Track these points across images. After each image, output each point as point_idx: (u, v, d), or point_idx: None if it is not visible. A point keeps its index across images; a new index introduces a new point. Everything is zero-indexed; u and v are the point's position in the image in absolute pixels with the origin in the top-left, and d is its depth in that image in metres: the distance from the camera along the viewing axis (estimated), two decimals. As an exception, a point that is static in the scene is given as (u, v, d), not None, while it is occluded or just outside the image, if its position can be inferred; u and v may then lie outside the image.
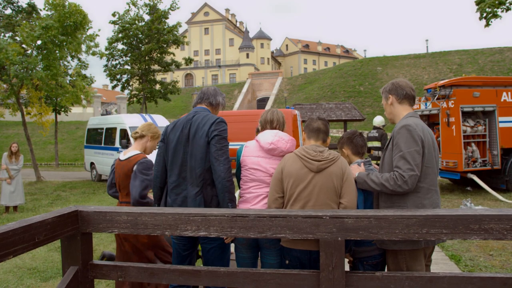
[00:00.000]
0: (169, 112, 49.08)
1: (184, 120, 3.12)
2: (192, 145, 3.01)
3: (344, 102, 23.23)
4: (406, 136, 2.54)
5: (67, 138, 39.85)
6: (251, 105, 55.65)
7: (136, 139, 3.60)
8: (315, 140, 2.85)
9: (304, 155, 2.71)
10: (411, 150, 2.50)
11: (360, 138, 3.02)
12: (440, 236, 2.17)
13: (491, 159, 9.63)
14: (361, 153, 3.01)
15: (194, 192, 2.96)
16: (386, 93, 2.84)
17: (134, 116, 15.13)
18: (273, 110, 3.19)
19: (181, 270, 2.58)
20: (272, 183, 2.80)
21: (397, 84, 2.79)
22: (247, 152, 3.07)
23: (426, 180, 2.58)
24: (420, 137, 2.54)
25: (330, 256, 2.26)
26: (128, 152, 3.55)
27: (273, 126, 3.09)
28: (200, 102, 3.27)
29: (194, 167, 2.98)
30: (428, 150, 2.57)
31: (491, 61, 36.20)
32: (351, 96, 39.35)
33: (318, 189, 2.65)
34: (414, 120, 2.64)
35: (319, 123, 2.87)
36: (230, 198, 2.93)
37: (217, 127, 2.98)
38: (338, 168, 2.67)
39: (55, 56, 14.12)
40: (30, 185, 14.72)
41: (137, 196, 3.29)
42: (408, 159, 2.49)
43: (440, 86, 9.75)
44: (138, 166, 3.38)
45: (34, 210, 9.59)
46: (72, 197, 11.70)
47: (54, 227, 2.28)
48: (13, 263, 5.47)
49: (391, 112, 2.82)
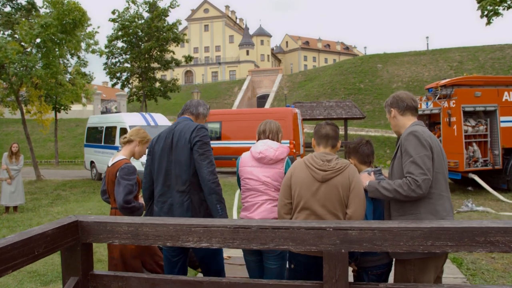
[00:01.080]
0: (169, 109, 49.03)
1: (167, 130, 3.26)
2: (176, 153, 3.11)
3: (344, 100, 23.19)
4: (414, 141, 2.55)
5: (67, 135, 39.82)
6: (251, 102, 55.59)
7: (125, 144, 3.58)
8: (324, 146, 2.83)
9: (311, 164, 2.72)
10: (421, 155, 2.50)
11: (366, 146, 2.99)
12: (445, 249, 2.14)
13: (492, 159, 9.60)
14: (368, 162, 2.97)
15: (181, 198, 3.06)
16: (388, 107, 2.86)
17: (134, 115, 15.10)
18: (266, 121, 3.33)
19: (182, 281, 2.55)
20: (282, 189, 2.84)
21: (397, 96, 2.82)
22: (242, 162, 3.21)
23: (437, 186, 2.56)
24: (428, 142, 2.55)
25: (334, 268, 2.23)
26: (115, 157, 3.54)
27: (266, 136, 3.23)
28: (182, 113, 3.43)
29: (180, 174, 3.08)
30: (437, 155, 2.57)
31: (492, 58, 36.12)
32: (351, 93, 39.27)
33: (324, 199, 2.65)
34: (420, 127, 2.66)
35: (328, 129, 2.85)
36: (218, 199, 3.02)
37: (198, 133, 3.11)
38: (345, 178, 2.65)
39: (54, 55, 14.07)
40: (30, 184, 14.70)
41: (121, 202, 3.25)
42: (419, 164, 2.48)
43: (442, 86, 9.72)
44: (120, 172, 3.34)
45: (34, 210, 9.58)
46: (72, 197, 11.68)
47: (54, 239, 2.25)
48: (13, 266, 5.44)
49: (396, 125, 2.83)
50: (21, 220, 8.40)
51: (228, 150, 17.11)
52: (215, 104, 53.80)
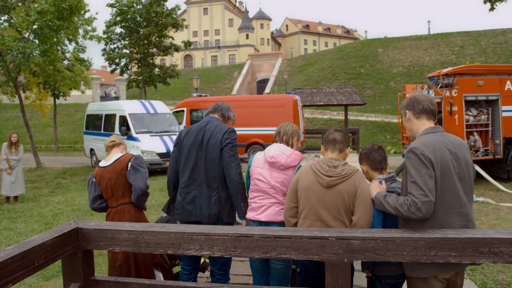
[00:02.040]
0: (169, 94, 48.80)
1: (197, 127, 3.48)
2: (206, 150, 3.36)
3: (345, 86, 23.05)
4: (414, 160, 2.39)
5: (67, 120, 39.73)
6: (251, 87, 55.32)
7: (113, 147, 3.69)
8: (332, 151, 2.82)
9: (317, 169, 2.71)
10: (422, 174, 2.33)
11: (377, 152, 2.87)
12: (448, 259, 2.12)
13: (493, 148, 9.58)
14: (379, 168, 2.88)
15: (210, 192, 3.34)
16: (403, 108, 2.68)
17: (134, 103, 15.02)
18: (284, 123, 3.41)
19: (183, 287, 2.55)
20: (288, 193, 2.87)
21: (414, 98, 2.63)
22: (255, 162, 3.24)
23: (443, 204, 2.40)
24: (429, 158, 2.34)
25: (336, 277, 2.22)
26: (111, 158, 3.59)
27: (281, 137, 3.27)
28: (213, 112, 3.65)
29: (210, 170, 3.35)
30: (442, 171, 2.37)
31: (494, 43, 35.79)
32: (352, 78, 39.06)
33: (329, 205, 2.64)
34: (426, 138, 2.46)
35: (336, 134, 2.85)
36: (242, 198, 3.31)
37: (229, 136, 3.35)
38: (350, 185, 2.62)
39: (52, 41, 13.89)
40: (30, 171, 14.70)
41: (144, 187, 3.46)
42: (420, 185, 2.32)
43: (444, 75, 9.63)
44: (134, 161, 3.54)
45: (35, 200, 9.58)
46: (73, 185, 11.69)
47: (54, 248, 2.23)
48: (15, 260, 5.46)
49: (410, 129, 2.66)
50: (22, 211, 8.41)
51: (228, 137, 17.04)
52: (214, 89, 53.51)
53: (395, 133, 27.52)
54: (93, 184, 3.62)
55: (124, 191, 3.50)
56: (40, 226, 7.18)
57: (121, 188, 3.48)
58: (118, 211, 3.48)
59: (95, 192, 3.60)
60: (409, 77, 35.84)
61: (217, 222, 3.30)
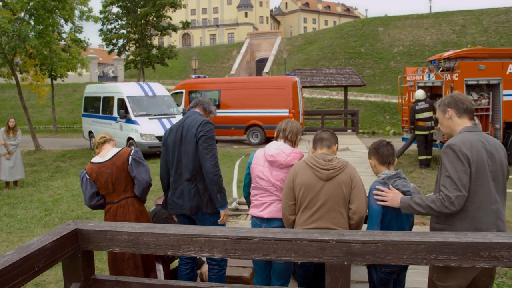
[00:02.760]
0: (167, 73, 48.46)
1: (177, 124, 3.60)
2: (184, 145, 3.46)
3: (345, 67, 22.84)
4: (451, 155, 2.49)
5: (65, 101, 39.53)
6: (250, 66, 54.90)
7: (104, 143, 3.64)
8: (320, 148, 3.00)
9: (314, 164, 2.84)
10: (457, 170, 2.45)
11: (386, 148, 2.94)
12: (448, 263, 2.13)
13: (493, 133, 9.56)
14: (387, 163, 2.94)
15: (189, 185, 3.43)
16: (444, 106, 2.71)
17: (132, 85, 14.89)
18: (288, 120, 3.39)
19: (184, 287, 2.56)
20: (284, 191, 2.97)
21: (457, 97, 2.69)
22: (256, 160, 3.24)
23: (475, 199, 2.50)
24: (466, 155, 2.45)
25: (336, 279, 2.23)
26: (107, 153, 3.54)
27: (286, 135, 3.26)
28: (195, 106, 3.71)
29: (187, 163, 3.43)
30: (477, 168, 2.47)
31: (496, 22, 35.31)
32: (352, 57, 38.71)
33: (328, 196, 2.78)
34: (464, 136, 2.54)
35: (322, 134, 3.06)
36: (218, 189, 3.40)
37: (203, 128, 3.40)
38: (347, 175, 2.80)
39: (47, 23, 13.66)
40: (29, 154, 14.69)
41: (149, 180, 3.51)
42: (454, 179, 2.44)
43: (445, 58, 9.52)
44: (135, 154, 3.54)
45: (34, 185, 9.60)
46: (72, 169, 11.69)
47: (53, 251, 2.22)
48: (16, 248, 5.50)
49: (449, 126, 2.71)
50: (22, 196, 8.43)
51: (227, 119, 17.02)
52: (213, 68, 53.08)
53: (395, 114, 27.45)
54: (88, 181, 3.51)
55: (126, 185, 3.47)
56: (40, 212, 7.21)
57: (122, 183, 3.45)
58: (121, 205, 3.45)
59: (92, 189, 3.50)
60: (410, 56, 35.54)
61: (197, 213, 3.44)
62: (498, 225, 2.55)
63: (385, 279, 2.79)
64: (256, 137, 17.07)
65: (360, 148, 14.71)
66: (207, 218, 3.42)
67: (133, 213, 3.43)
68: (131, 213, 3.43)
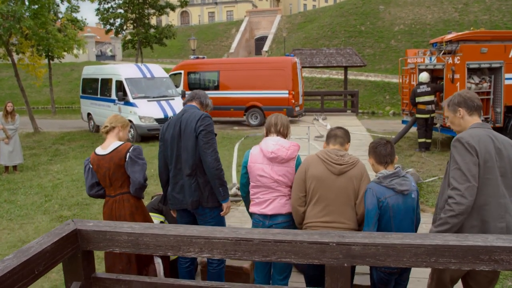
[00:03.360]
0: (165, 53, 47.91)
1: (175, 119, 3.56)
2: (184, 140, 3.43)
3: (345, 48, 22.57)
4: (459, 148, 2.58)
5: (63, 80, 39.22)
6: (249, 44, 54.28)
7: (108, 132, 3.57)
8: (333, 144, 3.07)
9: (327, 159, 2.92)
10: (466, 161, 2.52)
11: (383, 147, 2.94)
12: (448, 265, 2.13)
13: (494, 116, 9.51)
14: (384, 163, 2.94)
15: (189, 180, 3.43)
16: (454, 106, 2.77)
17: (130, 67, 14.73)
18: (277, 114, 3.37)
19: (184, 285, 2.57)
20: (296, 183, 3.02)
21: (466, 96, 2.75)
22: (253, 158, 3.20)
23: (483, 191, 2.56)
24: (474, 147, 2.53)
25: (336, 281, 2.23)
26: (109, 145, 3.49)
27: (277, 129, 3.23)
28: (191, 100, 3.68)
29: (187, 158, 3.42)
30: (485, 160, 2.54)
31: (499, 0, 34.68)
32: (352, 36, 38.20)
33: (340, 191, 2.88)
34: (473, 131, 2.63)
35: (337, 131, 3.14)
36: (220, 183, 3.41)
37: (203, 123, 3.38)
38: (358, 171, 2.91)
39: (42, 2, 13.40)
40: (28, 137, 14.65)
41: (142, 180, 3.44)
42: (464, 171, 2.52)
43: (447, 41, 9.39)
44: (132, 152, 3.46)
45: (34, 169, 9.59)
46: (71, 152, 11.67)
47: (53, 253, 2.21)
48: (17, 236, 5.52)
49: (460, 125, 2.78)
50: (22, 181, 8.44)
51: (227, 100, 16.94)
52: (212, 47, 52.47)
53: (395, 94, 27.28)
54: (90, 170, 3.55)
55: (123, 182, 3.46)
56: (40, 198, 7.23)
57: (119, 179, 3.44)
58: (117, 200, 3.46)
59: (92, 179, 3.55)
60: (411, 35, 35.10)
61: (198, 208, 3.45)
62: (506, 218, 2.59)
63: (385, 279, 2.80)
64: (255, 118, 17.01)
65: (359, 130, 14.68)
66: (207, 212, 3.43)
67: (128, 208, 3.44)
68: (126, 208, 3.43)
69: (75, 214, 6.35)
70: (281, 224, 3.07)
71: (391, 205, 2.77)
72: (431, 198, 6.72)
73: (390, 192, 2.79)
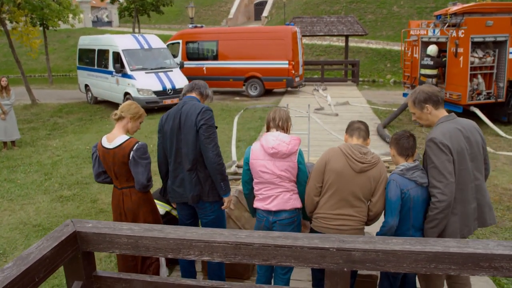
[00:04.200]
0: (163, 19, 46.78)
1: (174, 111, 3.45)
2: (184, 133, 3.35)
3: (346, 16, 22.04)
4: (433, 148, 2.76)
5: (59, 47, 38.48)
6: (249, 9, 53.07)
7: (117, 120, 3.45)
8: (357, 138, 3.06)
9: (350, 155, 2.92)
10: (442, 160, 2.72)
11: (407, 140, 3.00)
12: (448, 271, 2.14)
13: (496, 91, 9.40)
14: (405, 155, 3.01)
15: (190, 175, 3.38)
16: (421, 103, 2.89)
17: (127, 38, 14.41)
18: (275, 109, 3.26)
19: (185, 285, 2.59)
20: (314, 174, 3.03)
21: (429, 92, 2.88)
22: (254, 155, 3.15)
23: (459, 181, 2.80)
24: (447, 146, 2.72)
25: (335, 284, 2.25)
26: (114, 139, 3.39)
27: (276, 123, 3.16)
28: (190, 91, 3.57)
29: (187, 153, 3.35)
30: (458, 154, 2.76)
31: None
32: (353, 1, 37.23)
33: (357, 188, 2.92)
34: (443, 127, 2.79)
35: (360, 124, 3.14)
36: (222, 178, 3.38)
37: (204, 116, 3.29)
38: (378, 171, 2.93)
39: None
40: (26, 109, 14.53)
41: (145, 182, 3.40)
42: (440, 169, 2.72)
43: (452, 14, 9.14)
44: (135, 152, 3.36)
45: (33, 145, 9.55)
46: (70, 126, 11.61)
47: (53, 259, 2.21)
48: (18, 217, 5.56)
49: (428, 119, 2.93)
50: (21, 158, 8.43)
51: (225, 71, 16.72)
52: (210, 12, 51.27)
53: (396, 62, 26.85)
54: (97, 159, 3.52)
55: (128, 177, 3.41)
56: (40, 176, 7.23)
57: (124, 175, 3.41)
58: (124, 193, 3.44)
59: (99, 168, 3.53)
60: (413, 1, 34.20)
61: (199, 202, 3.43)
62: (478, 198, 2.92)
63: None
64: (255, 89, 16.84)
65: (360, 102, 14.56)
66: (208, 206, 3.42)
67: (135, 202, 3.43)
68: (133, 202, 3.42)
69: (75, 193, 6.37)
70: (284, 220, 3.06)
71: (412, 197, 2.90)
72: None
73: (412, 184, 2.90)
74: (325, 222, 3.03)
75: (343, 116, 12.09)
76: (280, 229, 3.07)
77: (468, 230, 2.95)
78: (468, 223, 2.92)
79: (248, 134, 10.19)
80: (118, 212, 3.49)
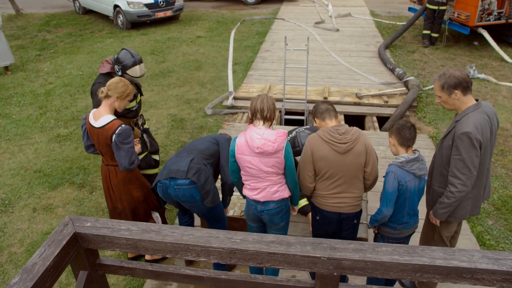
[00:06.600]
0: None
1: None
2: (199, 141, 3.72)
3: None
4: (466, 142, 2.75)
5: None
6: None
7: (104, 98, 3.31)
8: (329, 119, 3.11)
9: (330, 140, 2.96)
10: (471, 155, 2.76)
11: (408, 131, 2.96)
12: (432, 280, 2.26)
13: (508, 11, 8.86)
14: (406, 146, 2.99)
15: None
16: (450, 88, 2.82)
17: None
18: (262, 97, 3.01)
19: (185, 274, 2.75)
20: (303, 165, 3.09)
21: (460, 77, 2.80)
22: (239, 150, 3.03)
23: (479, 169, 2.89)
24: (479, 140, 2.74)
25: (325, 285, 2.41)
26: (100, 117, 3.30)
27: (264, 115, 2.97)
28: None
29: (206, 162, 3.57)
30: (485, 147, 2.82)
31: None
32: None
33: (347, 167, 2.99)
34: (475, 120, 2.76)
35: (327, 105, 3.16)
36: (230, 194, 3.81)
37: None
38: (362, 145, 2.98)
39: None
40: (11, 20, 13.77)
41: (127, 166, 3.36)
42: (467, 163, 2.77)
43: None
44: (117, 138, 3.26)
45: (24, 70, 9.22)
46: (60, 45, 11.12)
47: (57, 266, 2.31)
48: (18, 161, 5.64)
49: (454, 104, 2.88)
50: (13, 87, 8.24)
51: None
52: None
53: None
54: (86, 132, 3.48)
55: (112, 156, 3.38)
56: (35, 110, 7.16)
57: (109, 154, 3.38)
58: (109, 170, 3.46)
59: (88, 141, 3.52)
60: None
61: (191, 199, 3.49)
62: (488, 180, 3.09)
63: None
64: (252, -4, 15.83)
65: (363, 12, 13.80)
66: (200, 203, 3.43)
67: (121, 180, 3.46)
68: (119, 180, 3.45)
69: (72, 132, 6.37)
70: (272, 210, 3.07)
71: (409, 188, 2.95)
72: (429, 113, 6.68)
73: (410, 176, 2.93)
74: (324, 200, 3.13)
75: (344, 32, 11.56)
76: (268, 217, 3.13)
77: (478, 210, 3.10)
78: (479, 204, 3.08)
79: (245, 55, 9.82)
80: (106, 186, 3.56)
